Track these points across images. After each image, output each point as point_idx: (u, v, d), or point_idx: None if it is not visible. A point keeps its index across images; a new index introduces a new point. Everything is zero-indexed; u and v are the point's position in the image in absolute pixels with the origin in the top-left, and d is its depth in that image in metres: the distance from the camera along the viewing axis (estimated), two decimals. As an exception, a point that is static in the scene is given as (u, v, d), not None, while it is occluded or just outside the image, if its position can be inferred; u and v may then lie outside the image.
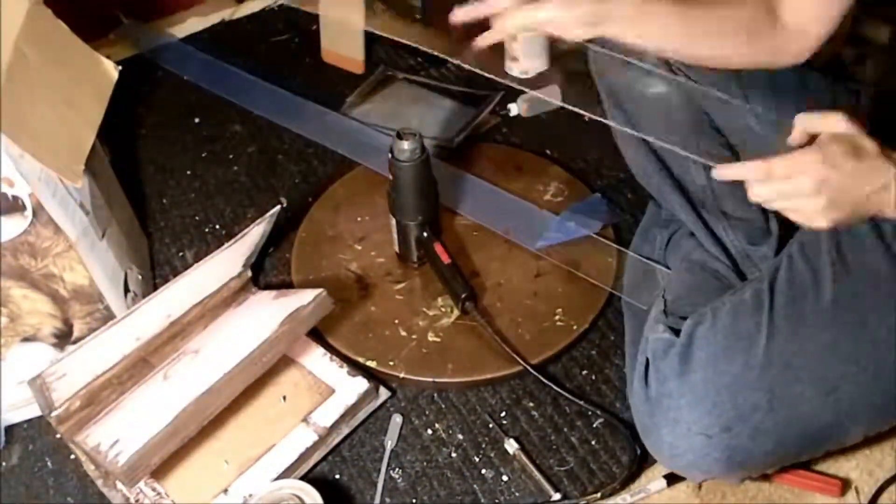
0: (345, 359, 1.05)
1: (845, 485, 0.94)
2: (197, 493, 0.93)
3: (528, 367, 1.01)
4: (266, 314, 1.00)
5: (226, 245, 0.98)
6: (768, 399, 0.81)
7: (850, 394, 0.82)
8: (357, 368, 1.03)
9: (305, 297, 0.99)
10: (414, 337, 1.07)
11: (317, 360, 1.05)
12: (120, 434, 0.89)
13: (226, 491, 0.92)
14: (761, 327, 0.84)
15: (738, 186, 1.07)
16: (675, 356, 0.86)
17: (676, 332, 0.89)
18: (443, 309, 1.10)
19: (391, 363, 1.05)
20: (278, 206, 1.03)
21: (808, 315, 0.84)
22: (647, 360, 0.90)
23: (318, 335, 1.07)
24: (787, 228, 1.03)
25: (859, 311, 0.83)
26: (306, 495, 0.88)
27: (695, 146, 1.02)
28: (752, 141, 1.03)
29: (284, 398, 1.01)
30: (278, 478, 0.93)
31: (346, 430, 1.00)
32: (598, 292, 1.11)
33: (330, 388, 1.01)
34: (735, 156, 1.05)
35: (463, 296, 1.06)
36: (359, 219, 1.25)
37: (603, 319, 1.10)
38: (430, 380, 1.04)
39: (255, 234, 1.01)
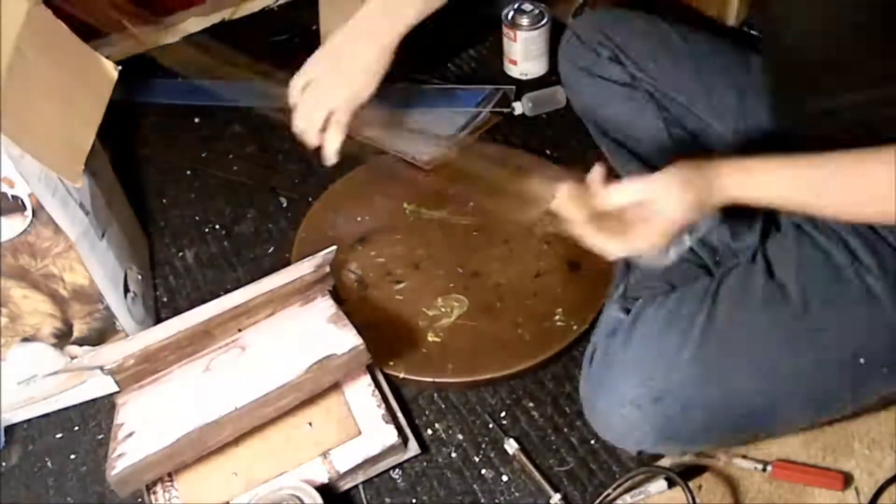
0: (385, 398, 1.00)
1: (847, 479, 0.94)
2: (204, 495, 0.92)
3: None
4: (310, 341, 0.96)
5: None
6: (700, 374, 0.83)
7: (785, 379, 0.83)
8: (392, 415, 0.97)
9: (345, 341, 0.94)
10: (414, 337, 1.07)
11: (360, 390, 0.99)
12: (139, 426, 0.89)
13: None
14: (703, 309, 0.85)
15: None
16: (622, 333, 0.88)
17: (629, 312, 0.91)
18: (443, 309, 1.10)
19: (391, 363, 1.05)
20: (334, 247, 1.01)
21: (750, 296, 0.85)
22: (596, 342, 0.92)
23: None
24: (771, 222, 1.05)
25: (805, 297, 0.83)
26: (306, 495, 0.88)
27: (668, 141, 1.06)
28: (716, 140, 1.06)
29: (311, 424, 0.97)
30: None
31: (361, 478, 0.95)
32: (598, 292, 1.11)
33: (357, 429, 0.96)
34: (707, 151, 1.07)
35: None
36: (358, 219, 1.24)
37: (603, 319, 1.10)
38: (430, 380, 1.04)
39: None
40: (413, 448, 0.98)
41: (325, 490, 0.92)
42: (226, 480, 0.93)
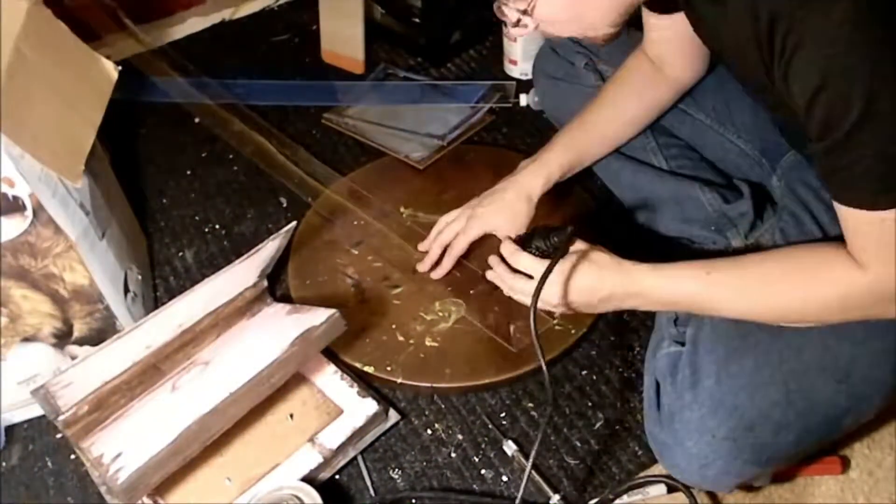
0: (356, 378, 1.03)
1: (845, 463, 0.95)
2: None
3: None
4: (278, 331, 0.98)
5: (240, 259, 0.97)
6: (785, 393, 0.81)
7: (861, 377, 0.82)
8: (368, 389, 1.01)
9: (318, 316, 0.97)
10: (412, 342, 1.07)
11: (327, 377, 1.03)
12: (123, 447, 0.88)
13: None
14: (762, 324, 0.84)
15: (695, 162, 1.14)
16: (686, 367, 0.86)
17: (683, 344, 0.89)
18: (440, 313, 1.10)
19: (389, 368, 1.04)
20: (294, 223, 1.01)
21: None
22: (657, 381, 0.89)
23: (329, 351, 1.05)
24: (758, 188, 1.10)
25: None
26: (305, 495, 0.89)
27: (652, 141, 1.13)
28: (700, 133, 1.12)
29: (291, 416, 1.00)
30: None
31: (352, 453, 0.98)
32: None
33: (338, 409, 1.00)
34: (688, 146, 1.14)
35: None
36: (355, 222, 1.24)
37: (603, 321, 1.10)
38: (428, 385, 1.03)
39: (270, 248, 0.99)
40: (393, 416, 1.01)
41: (324, 485, 0.93)
42: (220, 489, 0.94)
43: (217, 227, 1.30)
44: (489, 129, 1.41)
